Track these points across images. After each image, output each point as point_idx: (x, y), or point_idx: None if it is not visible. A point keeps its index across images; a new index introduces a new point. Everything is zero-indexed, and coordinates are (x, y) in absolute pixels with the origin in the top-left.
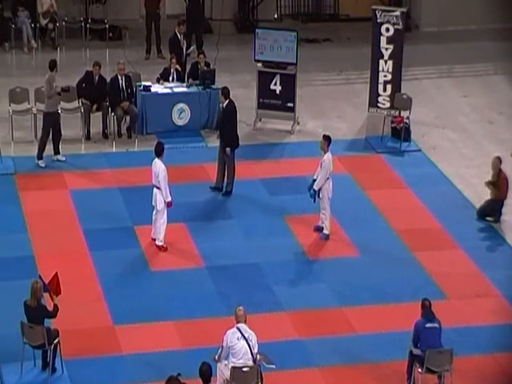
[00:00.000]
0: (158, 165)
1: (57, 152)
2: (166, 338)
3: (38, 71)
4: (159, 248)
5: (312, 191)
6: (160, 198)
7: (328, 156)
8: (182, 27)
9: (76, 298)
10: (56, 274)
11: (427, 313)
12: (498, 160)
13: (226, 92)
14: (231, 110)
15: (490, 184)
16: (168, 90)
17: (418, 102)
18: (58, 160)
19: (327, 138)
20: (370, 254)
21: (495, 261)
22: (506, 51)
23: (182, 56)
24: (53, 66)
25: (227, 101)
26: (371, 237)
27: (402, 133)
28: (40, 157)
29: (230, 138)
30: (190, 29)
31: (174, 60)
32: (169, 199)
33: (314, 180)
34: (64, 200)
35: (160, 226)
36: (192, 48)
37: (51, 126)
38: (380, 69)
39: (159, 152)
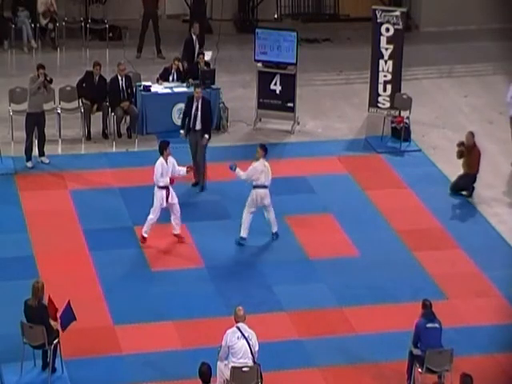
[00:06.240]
0: (157, 162)
1: (41, 154)
2: (165, 338)
3: None
4: (142, 238)
5: (234, 167)
6: (157, 195)
7: (262, 162)
8: (196, 28)
9: (76, 297)
10: (50, 297)
11: (428, 313)
12: (471, 135)
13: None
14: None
15: (461, 153)
16: (168, 90)
17: (418, 101)
18: (43, 162)
19: (265, 148)
20: (370, 254)
21: (495, 261)
22: (506, 51)
23: (193, 56)
24: (38, 66)
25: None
26: (371, 237)
27: (402, 133)
28: (28, 158)
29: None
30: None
31: (176, 61)
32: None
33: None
34: (64, 200)
35: (149, 220)
36: (210, 55)
37: (34, 126)
38: (380, 69)
39: (160, 151)
